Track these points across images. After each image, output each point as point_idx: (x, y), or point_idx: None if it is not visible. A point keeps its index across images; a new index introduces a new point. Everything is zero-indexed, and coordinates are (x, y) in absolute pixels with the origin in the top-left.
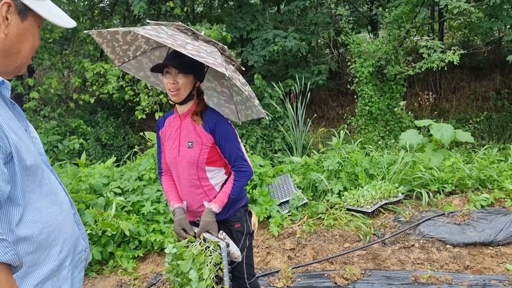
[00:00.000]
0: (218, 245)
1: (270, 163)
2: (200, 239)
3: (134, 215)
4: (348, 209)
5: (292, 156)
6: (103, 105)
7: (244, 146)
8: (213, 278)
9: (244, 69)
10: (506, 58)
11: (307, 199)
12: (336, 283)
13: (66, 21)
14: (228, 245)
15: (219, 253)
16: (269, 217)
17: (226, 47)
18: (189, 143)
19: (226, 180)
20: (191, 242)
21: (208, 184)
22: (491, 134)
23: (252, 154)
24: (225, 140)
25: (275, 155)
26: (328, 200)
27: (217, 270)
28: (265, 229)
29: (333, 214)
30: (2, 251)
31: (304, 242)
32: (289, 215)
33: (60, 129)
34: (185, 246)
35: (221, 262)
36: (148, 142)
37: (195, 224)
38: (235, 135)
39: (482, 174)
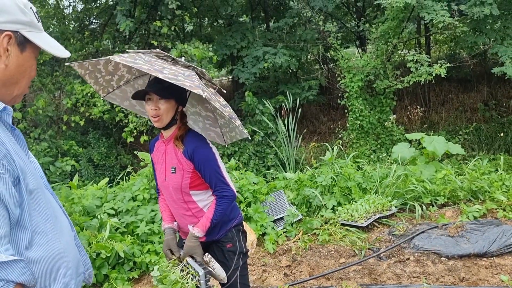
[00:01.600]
0: (197, 272)
1: (264, 180)
2: (184, 263)
3: (129, 236)
4: (342, 224)
5: (285, 171)
6: (94, 125)
7: (237, 163)
8: None
9: (225, 91)
10: (491, 70)
11: (302, 215)
12: None
13: (61, 52)
14: (208, 273)
15: (198, 280)
16: (264, 234)
17: (205, 71)
18: (172, 169)
19: None
20: (175, 266)
21: (195, 207)
22: (480, 145)
23: (245, 171)
24: (204, 165)
25: (268, 171)
26: (322, 216)
27: None
28: (260, 246)
29: (328, 230)
30: (19, 271)
31: (299, 259)
32: (284, 232)
33: (52, 151)
34: (167, 269)
35: None
36: (141, 162)
37: (181, 246)
38: (214, 159)
39: (474, 186)
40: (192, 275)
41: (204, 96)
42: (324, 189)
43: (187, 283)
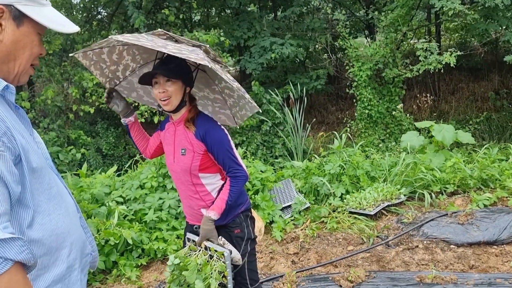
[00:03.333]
0: (223, 254)
1: (272, 168)
2: (202, 247)
3: (137, 223)
4: (350, 212)
5: (293, 161)
6: (103, 115)
7: (245, 153)
8: (216, 286)
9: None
10: (504, 59)
11: (309, 203)
12: (341, 286)
13: (66, 27)
14: (231, 252)
15: (223, 262)
16: (271, 222)
17: (210, 48)
18: (182, 151)
19: (223, 185)
20: (193, 251)
21: (203, 190)
22: (491, 134)
23: (253, 159)
24: (217, 147)
25: (276, 160)
26: (330, 204)
27: (221, 278)
28: (268, 234)
29: (336, 218)
30: (17, 250)
31: (307, 246)
32: (291, 220)
33: (60, 140)
34: (186, 256)
35: (225, 270)
36: None
37: (193, 232)
38: (227, 140)
39: (484, 174)
40: (216, 257)
41: (210, 67)
42: (332, 178)
43: (214, 264)
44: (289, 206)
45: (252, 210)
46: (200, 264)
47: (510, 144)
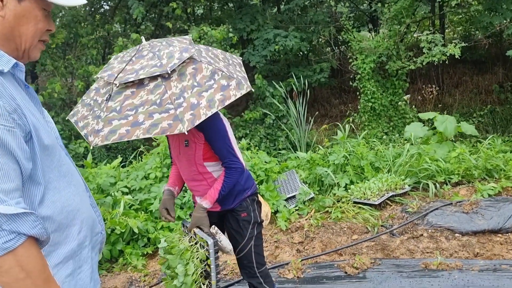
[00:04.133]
0: (206, 242)
1: (276, 160)
2: (191, 234)
3: (142, 213)
4: (355, 202)
5: (297, 152)
6: None
7: (248, 144)
8: (201, 273)
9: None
10: (507, 53)
11: (314, 193)
12: (346, 272)
13: (71, 0)
14: (216, 243)
15: (207, 250)
16: (276, 212)
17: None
18: (185, 142)
19: None
20: (183, 237)
21: (210, 177)
22: (495, 127)
23: (257, 151)
24: (213, 136)
25: (279, 152)
26: (334, 194)
27: (205, 265)
28: (273, 223)
29: (340, 208)
30: (30, 224)
31: (312, 235)
32: (296, 210)
33: (65, 133)
34: (176, 240)
35: (208, 258)
36: (153, 142)
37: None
38: (224, 130)
39: (489, 164)
40: (200, 244)
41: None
42: (337, 168)
43: (196, 251)
44: (294, 196)
45: (258, 195)
46: (182, 250)
47: None
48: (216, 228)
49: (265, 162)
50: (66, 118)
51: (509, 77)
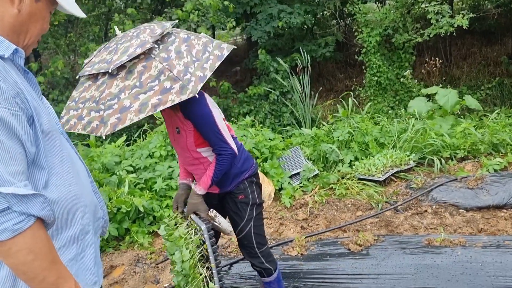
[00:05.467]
0: (200, 228)
1: (281, 137)
2: (188, 220)
3: (147, 191)
4: (359, 179)
5: (302, 129)
6: None
7: (253, 121)
8: (200, 257)
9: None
10: None
11: (318, 170)
12: (349, 249)
13: (78, 12)
14: (209, 228)
15: (202, 235)
16: (280, 189)
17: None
18: (176, 129)
19: None
20: (181, 224)
21: (206, 161)
22: (503, 100)
23: (262, 128)
24: (201, 124)
25: (284, 128)
26: (339, 171)
27: (202, 250)
28: (277, 200)
29: (345, 184)
30: (39, 206)
31: (316, 212)
32: (300, 187)
33: None
34: (173, 227)
35: (204, 243)
36: (157, 120)
37: (186, 204)
38: (211, 116)
39: (495, 138)
40: (195, 230)
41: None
42: (341, 144)
43: (190, 238)
44: (298, 173)
45: (261, 174)
46: (177, 237)
47: None
48: (214, 211)
49: (269, 139)
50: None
51: None
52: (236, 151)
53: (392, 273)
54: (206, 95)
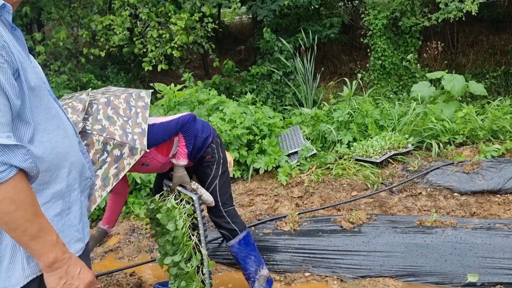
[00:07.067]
0: (191, 198)
1: (282, 116)
2: (175, 192)
3: None
4: (357, 160)
5: (302, 108)
6: (113, 60)
7: (253, 98)
8: (189, 226)
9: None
10: None
11: (316, 150)
12: (342, 226)
13: None
14: (200, 196)
15: (192, 205)
16: (278, 166)
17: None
18: (144, 165)
19: None
20: (167, 196)
21: (174, 155)
22: (507, 89)
23: (262, 105)
24: (157, 137)
25: (285, 108)
26: (337, 151)
27: (192, 219)
28: (273, 178)
29: (342, 164)
30: (21, 157)
31: (312, 191)
32: (297, 165)
33: (71, 84)
34: (161, 200)
35: (194, 212)
36: (158, 94)
37: (169, 178)
38: (152, 127)
39: (495, 125)
40: (186, 201)
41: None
42: (340, 125)
43: (183, 207)
44: (296, 152)
45: None
46: (170, 208)
47: None
48: (196, 183)
49: (269, 117)
50: None
51: None
52: (189, 113)
53: (382, 251)
54: None
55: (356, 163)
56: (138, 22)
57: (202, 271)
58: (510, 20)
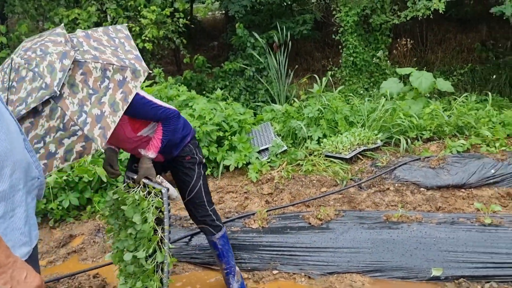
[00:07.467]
0: (160, 191)
1: (253, 112)
2: (140, 185)
3: None
4: (326, 156)
5: (273, 104)
6: None
7: (223, 94)
8: (153, 220)
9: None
10: (490, 10)
11: (287, 146)
12: (310, 223)
13: None
14: (168, 190)
15: (161, 198)
16: (248, 163)
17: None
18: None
19: None
20: (131, 188)
21: (149, 138)
22: (474, 86)
23: (232, 101)
24: (138, 111)
25: (258, 105)
26: (307, 147)
27: (158, 213)
28: (244, 175)
29: (312, 161)
30: None
31: (282, 187)
32: (268, 162)
33: None
34: (125, 192)
35: (162, 205)
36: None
37: (133, 170)
38: (140, 99)
39: (460, 121)
40: (154, 193)
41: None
42: (311, 121)
43: (152, 200)
44: (267, 149)
45: None
46: (138, 200)
47: (490, 93)
48: (161, 177)
49: (239, 113)
50: None
51: (492, 36)
52: (177, 110)
53: (350, 247)
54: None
55: (326, 159)
56: (108, 16)
57: (162, 269)
58: (477, 19)
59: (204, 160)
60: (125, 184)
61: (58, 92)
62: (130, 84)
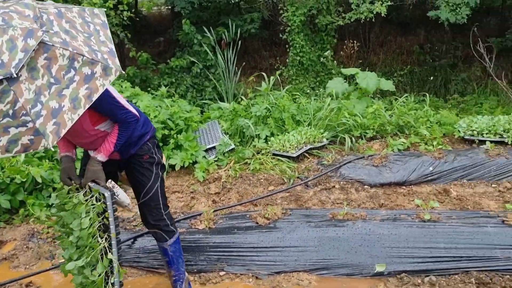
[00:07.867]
0: (103, 194)
1: (201, 110)
2: (86, 189)
3: (47, 161)
4: (274, 154)
5: (221, 102)
6: None
7: (172, 94)
8: (99, 226)
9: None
10: (427, 14)
11: (235, 145)
12: (257, 223)
13: None
14: (114, 194)
15: (104, 202)
16: (195, 162)
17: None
18: None
19: None
20: (76, 192)
21: (106, 134)
22: (412, 87)
23: (178, 99)
24: (101, 105)
25: (205, 102)
26: (255, 146)
27: (102, 219)
28: (190, 174)
29: (259, 159)
30: None
31: (229, 186)
32: (215, 161)
33: None
34: (68, 196)
35: (105, 211)
36: None
37: (83, 174)
38: (106, 92)
39: (401, 121)
40: (97, 197)
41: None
42: (258, 120)
43: (92, 204)
44: (214, 147)
45: None
46: (76, 204)
47: (428, 94)
48: (112, 182)
49: (185, 111)
50: None
51: (429, 39)
52: (138, 115)
53: (297, 246)
54: None
55: (273, 158)
56: None
57: (111, 280)
58: (415, 23)
59: (162, 161)
60: (69, 188)
61: (15, 75)
62: (98, 81)
